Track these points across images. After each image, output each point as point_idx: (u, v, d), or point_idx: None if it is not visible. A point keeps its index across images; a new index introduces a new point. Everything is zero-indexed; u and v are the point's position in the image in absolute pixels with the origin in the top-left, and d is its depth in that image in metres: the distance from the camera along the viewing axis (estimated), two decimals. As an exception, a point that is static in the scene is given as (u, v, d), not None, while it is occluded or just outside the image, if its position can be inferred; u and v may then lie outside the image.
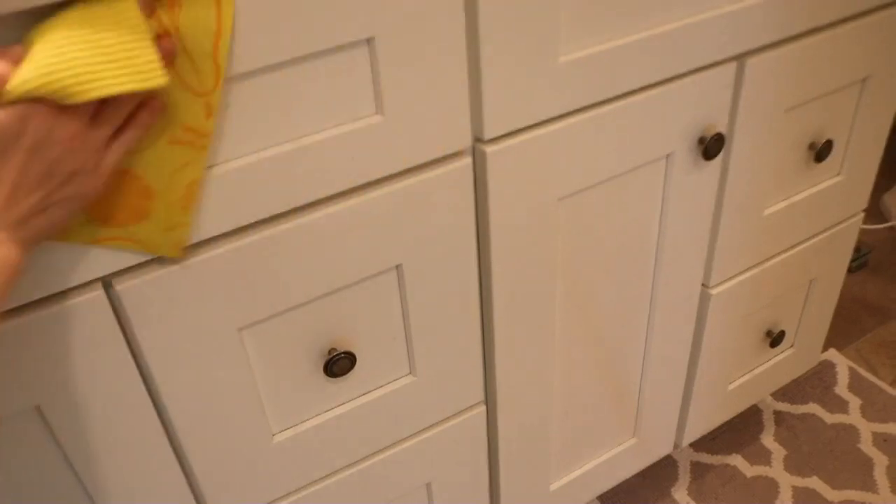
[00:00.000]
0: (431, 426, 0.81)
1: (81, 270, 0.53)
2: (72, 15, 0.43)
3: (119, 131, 0.47)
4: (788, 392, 1.39)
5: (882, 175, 1.79)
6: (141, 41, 0.44)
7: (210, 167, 0.54)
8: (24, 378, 0.54)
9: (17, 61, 0.42)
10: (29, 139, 0.43)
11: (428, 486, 0.86)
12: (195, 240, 0.56)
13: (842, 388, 1.39)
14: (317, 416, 0.72)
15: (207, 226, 0.56)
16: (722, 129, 0.80)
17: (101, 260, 0.53)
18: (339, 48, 0.55)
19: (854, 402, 1.36)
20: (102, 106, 0.45)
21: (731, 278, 0.97)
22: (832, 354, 1.46)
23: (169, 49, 0.47)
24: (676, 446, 1.14)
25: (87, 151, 0.45)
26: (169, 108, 0.50)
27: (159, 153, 0.51)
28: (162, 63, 0.45)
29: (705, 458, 1.29)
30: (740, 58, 0.77)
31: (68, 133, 0.44)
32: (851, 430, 1.31)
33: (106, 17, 0.43)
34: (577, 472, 1.01)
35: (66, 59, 0.42)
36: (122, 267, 0.54)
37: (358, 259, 0.65)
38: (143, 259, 0.55)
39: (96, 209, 0.51)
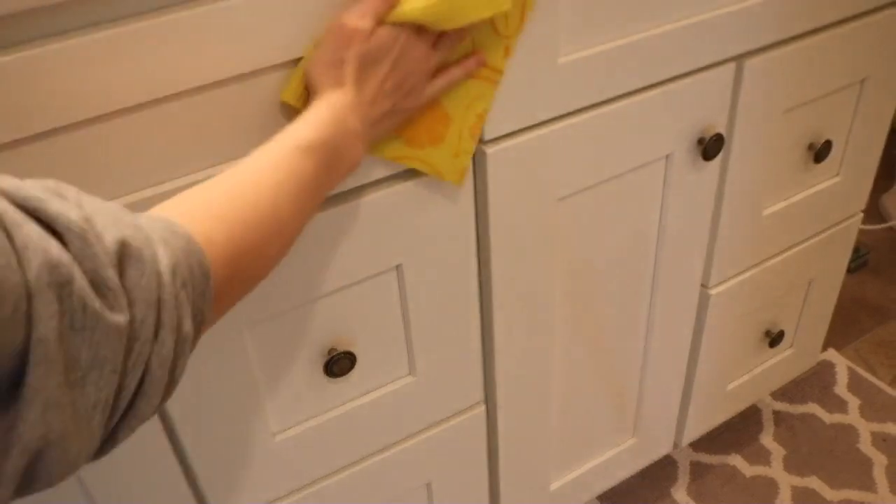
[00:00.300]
0: (431, 426, 0.81)
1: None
2: None
3: (445, 68, 0.56)
4: (788, 392, 1.39)
5: (881, 176, 1.80)
6: None
7: (209, 167, 0.54)
8: (24, 378, 0.54)
9: None
10: (395, 54, 0.52)
11: (428, 486, 0.86)
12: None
13: (841, 388, 1.39)
14: (317, 416, 0.72)
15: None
16: (721, 129, 0.81)
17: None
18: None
19: (853, 402, 1.36)
20: (441, 36, 0.54)
21: (730, 278, 0.97)
22: (831, 354, 1.46)
23: None
24: (676, 446, 1.14)
25: (425, 73, 0.54)
26: (476, 46, 0.57)
27: (462, 85, 0.58)
28: None
29: (705, 457, 1.29)
30: (739, 58, 0.78)
31: (419, 54, 0.53)
32: (850, 430, 1.31)
33: None
34: (577, 472, 1.01)
35: None
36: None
37: (358, 259, 0.65)
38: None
39: (405, 128, 0.58)
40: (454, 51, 0.56)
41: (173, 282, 0.35)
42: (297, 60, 0.53)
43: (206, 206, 0.42)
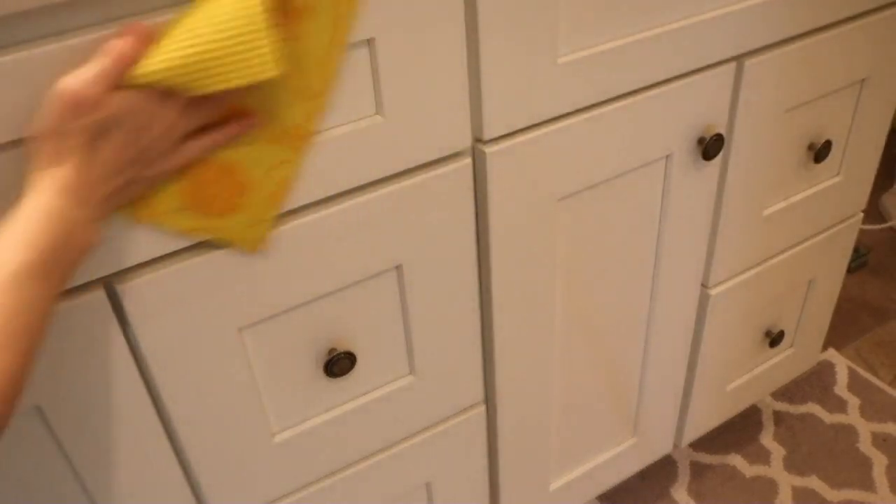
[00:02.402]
0: (431, 426, 0.81)
1: (82, 271, 0.53)
2: (201, 6, 0.45)
3: (204, 129, 0.49)
4: (788, 392, 1.39)
5: (881, 175, 1.79)
6: (259, 33, 0.45)
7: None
8: (24, 378, 0.54)
9: (145, 40, 0.44)
10: (135, 121, 0.44)
11: (428, 486, 0.86)
12: (197, 240, 0.56)
13: (841, 387, 1.39)
14: (317, 416, 0.72)
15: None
16: (721, 129, 0.81)
17: (102, 260, 0.53)
18: (340, 49, 0.55)
19: (853, 402, 1.36)
20: (199, 99, 0.47)
21: (730, 278, 0.97)
22: (831, 354, 1.46)
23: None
24: (676, 446, 1.14)
25: (172, 140, 0.47)
26: (274, 108, 0.51)
27: (259, 150, 0.52)
28: (276, 56, 0.46)
29: (705, 457, 1.29)
30: (740, 58, 0.78)
31: (166, 122, 0.46)
32: (850, 430, 1.31)
33: (230, 8, 0.44)
34: (577, 472, 1.01)
35: (190, 53, 0.43)
36: (122, 267, 0.54)
37: (358, 259, 0.65)
38: (143, 259, 0.55)
39: (191, 198, 0.51)
40: (217, 111, 0.49)
41: None
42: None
43: None
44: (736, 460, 1.28)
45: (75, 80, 0.43)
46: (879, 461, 1.26)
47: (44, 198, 0.42)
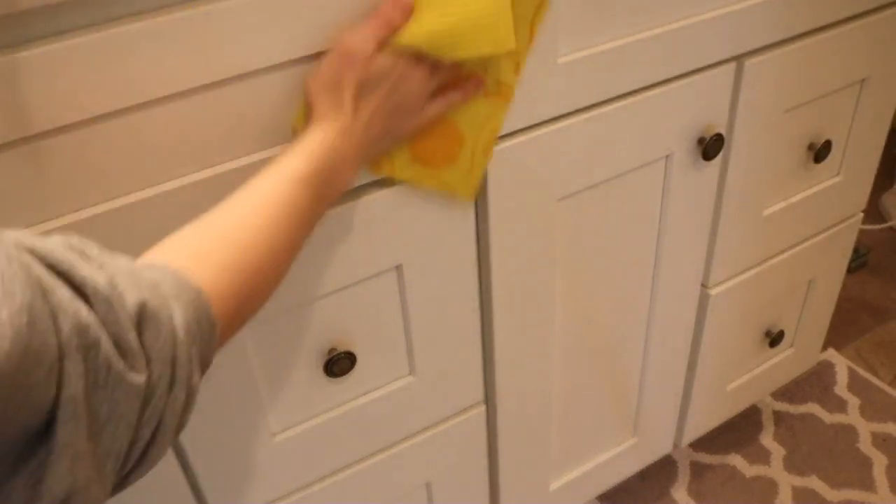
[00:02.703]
0: (431, 426, 0.81)
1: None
2: None
3: (444, 89, 0.57)
4: (788, 392, 1.39)
5: (881, 175, 1.79)
6: (501, 10, 0.52)
7: (208, 167, 0.54)
8: (24, 378, 0.54)
9: (407, 8, 0.51)
10: (393, 79, 0.52)
11: (428, 486, 0.86)
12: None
13: (841, 387, 1.39)
14: (317, 416, 0.72)
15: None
16: (721, 129, 0.81)
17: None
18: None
19: (853, 402, 1.36)
20: (441, 66, 0.54)
21: (730, 278, 0.97)
22: (831, 354, 1.46)
23: None
24: (676, 446, 1.14)
25: (421, 97, 0.55)
26: (491, 69, 0.58)
27: (475, 105, 0.59)
28: (513, 33, 0.53)
29: (705, 457, 1.29)
30: (740, 58, 0.78)
31: (417, 79, 0.53)
32: (850, 430, 1.31)
33: None
34: (577, 472, 1.01)
35: (445, 24, 0.51)
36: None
37: (358, 259, 0.65)
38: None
39: (420, 151, 0.59)
40: (454, 73, 0.57)
41: (186, 339, 0.37)
42: (300, 61, 0.53)
43: (209, 253, 0.43)
44: (736, 460, 1.28)
45: (353, 38, 0.51)
46: (879, 461, 1.26)
47: (325, 134, 0.51)
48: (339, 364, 0.68)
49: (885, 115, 0.98)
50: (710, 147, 0.79)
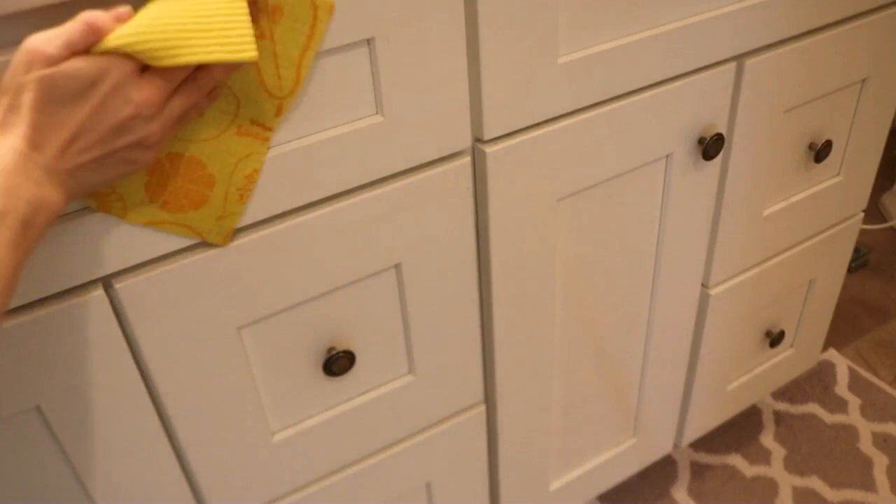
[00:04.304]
0: (431, 426, 0.81)
1: (81, 270, 0.53)
2: None
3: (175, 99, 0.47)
4: (788, 392, 1.39)
5: (881, 175, 1.79)
6: (238, 14, 0.45)
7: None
8: (24, 378, 0.54)
9: (119, 17, 0.43)
10: (102, 92, 0.42)
11: (428, 486, 0.86)
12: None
13: (841, 387, 1.39)
14: (316, 415, 0.72)
15: (207, 226, 0.56)
16: (722, 129, 0.81)
17: (101, 260, 0.53)
18: (339, 48, 0.55)
19: (854, 402, 1.36)
20: (184, 83, 0.46)
21: (730, 278, 0.97)
22: (832, 354, 1.46)
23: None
24: (676, 446, 1.14)
25: (154, 122, 0.45)
26: (242, 102, 0.51)
27: (226, 143, 0.52)
28: (254, 38, 0.45)
29: (705, 457, 1.29)
30: (740, 58, 0.78)
31: (144, 97, 0.44)
32: (851, 430, 1.31)
33: None
34: (577, 472, 1.01)
35: (160, 23, 0.43)
36: (121, 267, 0.54)
37: (357, 258, 0.65)
38: (142, 259, 0.55)
39: (160, 192, 0.51)
40: (198, 95, 0.47)
41: None
42: None
43: None
44: (736, 460, 1.28)
45: (37, 37, 0.42)
46: (880, 461, 1.26)
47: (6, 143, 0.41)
48: (338, 363, 0.68)
49: (886, 115, 0.98)
50: (711, 147, 0.79)
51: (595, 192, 0.76)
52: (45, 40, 0.41)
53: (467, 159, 0.66)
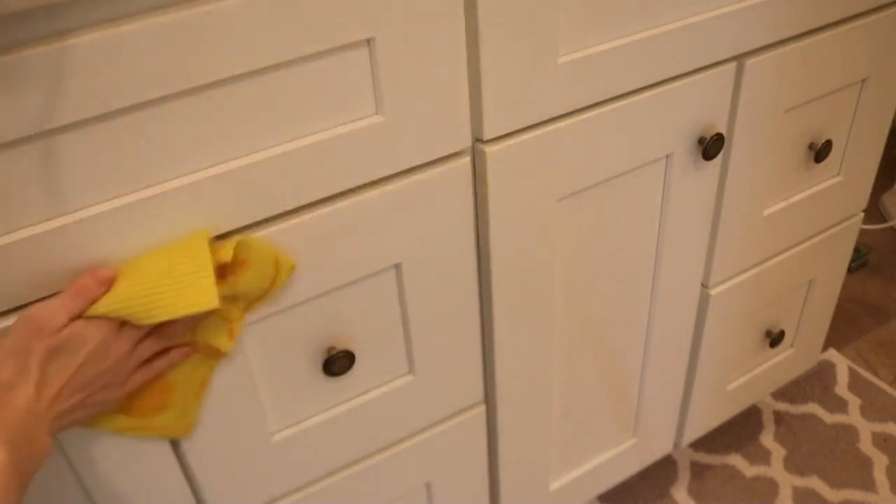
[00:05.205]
0: (431, 426, 0.81)
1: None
2: (157, 250, 0.53)
3: (152, 357, 0.55)
4: (788, 392, 1.39)
5: (881, 175, 1.79)
6: (203, 270, 0.51)
7: (210, 167, 0.54)
8: (24, 378, 0.54)
9: (105, 280, 0.50)
10: (90, 349, 0.50)
11: (428, 486, 0.86)
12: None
13: (841, 387, 1.39)
14: (316, 415, 0.72)
15: (209, 224, 0.56)
16: (722, 129, 0.81)
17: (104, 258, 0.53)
18: (339, 48, 0.55)
19: (854, 402, 1.36)
20: (150, 333, 0.53)
21: (730, 278, 0.97)
22: (832, 354, 1.46)
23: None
24: (676, 446, 1.14)
25: (126, 367, 0.53)
26: (199, 328, 0.57)
27: (185, 360, 0.58)
28: (215, 291, 0.52)
29: (705, 457, 1.29)
30: (740, 58, 0.78)
31: (120, 351, 0.52)
32: (851, 430, 1.31)
33: (181, 247, 0.52)
34: (577, 472, 1.01)
35: (139, 290, 0.50)
36: (122, 267, 0.54)
37: (357, 258, 0.65)
38: (143, 259, 0.55)
39: (125, 404, 0.57)
40: (164, 342, 0.55)
41: None
42: None
43: None
44: (736, 460, 1.28)
45: (41, 308, 0.49)
46: (880, 461, 1.26)
47: (6, 405, 0.47)
48: (338, 363, 0.68)
49: (886, 114, 0.98)
50: (711, 147, 0.79)
51: (595, 192, 0.76)
52: (50, 313, 0.49)
53: (467, 159, 0.66)
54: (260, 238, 0.57)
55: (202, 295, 0.51)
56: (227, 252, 0.54)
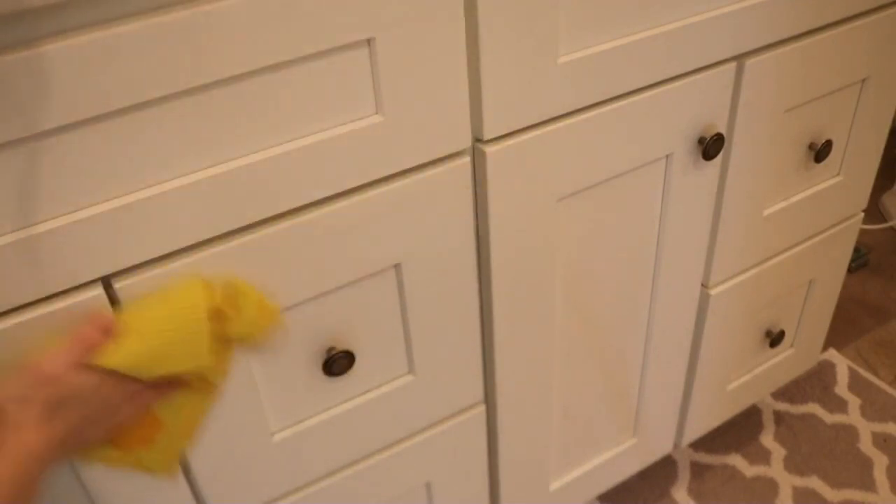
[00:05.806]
0: (431, 426, 0.81)
1: (81, 270, 0.53)
2: (155, 299, 0.54)
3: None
4: (788, 392, 1.39)
5: (881, 175, 1.79)
6: (200, 330, 0.53)
7: (210, 167, 0.54)
8: (24, 377, 0.54)
9: (105, 331, 0.52)
10: (96, 401, 0.52)
11: (428, 486, 0.86)
12: (197, 240, 0.56)
13: (841, 387, 1.39)
14: (316, 415, 0.72)
15: (209, 224, 0.56)
16: (722, 129, 0.81)
17: (100, 259, 0.53)
18: (339, 48, 0.55)
19: (854, 402, 1.36)
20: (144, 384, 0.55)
21: (730, 278, 0.97)
22: (832, 354, 1.46)
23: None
24: (676, 446, 1.14)
25: (121, 411, 0.55)
26: (194, 373, 0.57)
27: (173, 397, 0.58)
28: (211, 346, 0.54)
29: (705, 457, 1.29)
30: (740, 58, 0.78)
31: (116, 395, 0.54)
32: (851, 430, 1.31)
33: (177, 303, 0.54)
34: (577, 472, 1.01)
35: (146, 345, 0.52)
36: (121, 267, 0.54)
37: (357, 258, 0.65)
38: (143, 259, 0.55)
39: (112, 436, 0.57)
40: (159, 397, 0.57)
41: None
42: None
43: None
44: (736, 460, 1.28)
45: (46, 360, 0.51)
46: (880, 461, 1.26)
47: (9, 447, 0.49)
48: (337, 363, 0.68)
49: (886, 114, 0.98)
50: (711, 147, 0.79)
51: (595, 192, 0.76)
52: (54, 364, 0.51)
53: (467, 159, 0.66)
54: (247, 283, 0.58)
55: (198, 352, 0.54)
56: (219, 297, 0.55)
